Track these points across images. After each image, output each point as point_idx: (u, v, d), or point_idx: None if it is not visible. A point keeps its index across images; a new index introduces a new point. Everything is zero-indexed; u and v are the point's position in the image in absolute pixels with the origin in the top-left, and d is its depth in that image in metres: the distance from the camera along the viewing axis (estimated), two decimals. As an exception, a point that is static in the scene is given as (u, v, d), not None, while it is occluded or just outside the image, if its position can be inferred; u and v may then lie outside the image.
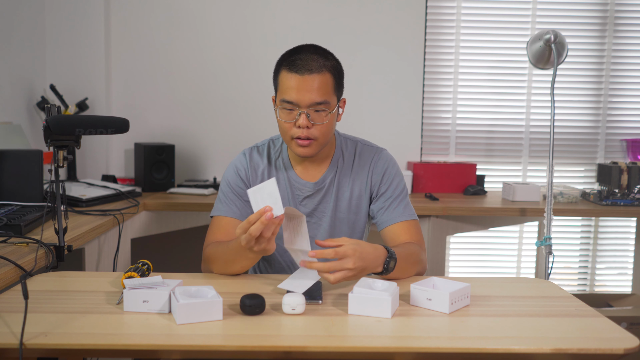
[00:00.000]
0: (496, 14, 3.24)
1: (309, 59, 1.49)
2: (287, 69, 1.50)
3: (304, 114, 1.49)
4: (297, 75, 1.48)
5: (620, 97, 3.31)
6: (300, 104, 1.49)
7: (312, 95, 1.48)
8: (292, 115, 1.50)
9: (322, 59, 1.51)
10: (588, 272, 3.44)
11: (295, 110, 1.50)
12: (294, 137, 1.52)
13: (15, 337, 1.01)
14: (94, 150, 3.02)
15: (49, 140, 1.44)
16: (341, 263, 1.26)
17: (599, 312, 1.23)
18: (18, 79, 2.66)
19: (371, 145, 1.70)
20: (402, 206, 1.62)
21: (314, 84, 1.48)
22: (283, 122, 1.52)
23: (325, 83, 1.50)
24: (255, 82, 3.12)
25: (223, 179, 1.68)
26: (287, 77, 1.49)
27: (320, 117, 1.51)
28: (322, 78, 1.49)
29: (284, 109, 1.51)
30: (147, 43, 3.08)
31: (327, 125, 1.52)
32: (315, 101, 1.49)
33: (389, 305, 1.16)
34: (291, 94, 1.48)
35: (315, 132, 1.51)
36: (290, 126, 1.52)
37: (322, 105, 1.50)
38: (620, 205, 2.76)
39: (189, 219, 2.68)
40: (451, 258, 3.37)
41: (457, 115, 3.28)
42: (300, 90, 1.48)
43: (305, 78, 1.47)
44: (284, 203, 1.63)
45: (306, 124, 1.49)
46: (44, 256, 1.47)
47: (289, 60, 1.51)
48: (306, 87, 1.47)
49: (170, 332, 1.07)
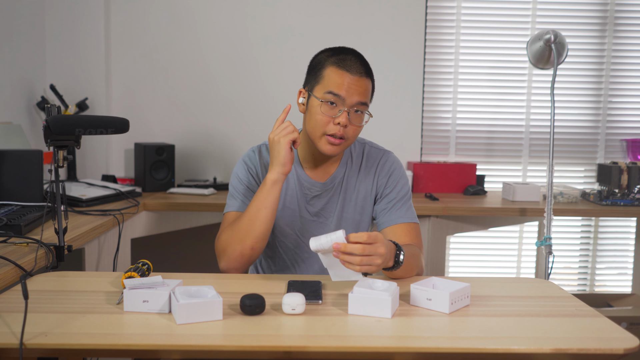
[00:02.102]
0: (496, 14, 3.24)
1: (359, 63, 1.54)
2: (338, 67, 1.53)
3: (345, 111, 1.51)
4: (349, 74, 1.52)
5: (620, 97, 3.31)
6: (347, 100, 1.51)
7: (358, 96, 1.52)
8: (334, 111, 1.52)
9: (366, 67, 1.56)
10: (588, 272, 3.44)
11: (338, 106, 1.52)
12: (327, 133, 1.53)
13: (15, 337, 1.01)
14: (94, 150, 3.02)
15: (49, 140, 1.44)
16: (375, 247, 1.25)
17: (599, 312, 1.23)
18: (18, 79, 2.66)
19: (378, 148, 1.73)
20: (404, 208, 1.64)
21: (362, 85, 1.53)
22: (322, 116, 1.53)
23: (368, 88, 1.56)
24: (256, 82, 3.12)
25: (233, 176, 1.68)
26: (338, 73, 1.52)
27: (359, 118, 1.55)
28: (368, 84, 1.55)
29: (327, 103, 1.52)
30: (147, 43, 3.08)
31: (359, 129, 1.56)
32: (360, 101, 1.52)
33: (389, 305, 1.16)
34: (340, 89, 1.51)
35: (349, 133, 1.54)
36: (327, 121, 1.53)
37: (363, 107, 1.54)
38: (620, 205, 2.76)
39: (189, 219, 2.68)
40: (451, 258, 3.37)
41: (457, 115, 3.28)
42: (350, 89, 1.51)
43: (356, 78, 1.52)
44: (290, 201, 1.65)
45: (346, 122, 1.51)
46: (44, 256, 1.47)
47: (339, 57, 1.54)
48: (355, 86, 1.52)
49: (170, 332, 1.07)
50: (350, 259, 1.24)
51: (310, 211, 1.67)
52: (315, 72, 1.57)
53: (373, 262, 1.25)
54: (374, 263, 1.25)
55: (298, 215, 1.66)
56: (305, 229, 1.67)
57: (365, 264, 1.24)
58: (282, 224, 1.66)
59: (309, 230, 1.66)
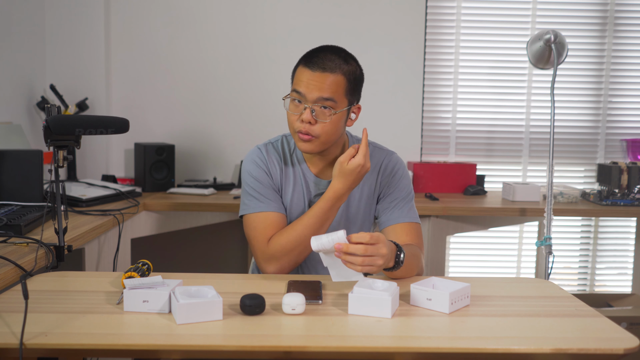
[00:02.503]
0: (496, 14, 3.24)
1: (327, 58, 1.52)
2: (304, 65, 1.53)
3: (308, 108, 1.51)
4: (309, 71, 1.51)
5: (620, 97, 3.31)
6: (307, 97, 1.51)
7: (319, 92, 1.50)
8: (299, 109, 1.53)
9: (340, 61, 1.53)
10: (588, 272, 3.44)
11: (302, 104, 1.52)
12: (296, 130, 1.54)
13: (15, 337, 1.01)
14: (94, 150, 3.02)
15: (49, 140, 1.44)
16: (376, 248, 1.26)
17: (599, 312, 1.23)
18: (18, 79, 2.66)
19: (382, 148, 1.73)
20: (406, 208, 1.64)
21: (325, 81, 1.50)
22: (289, 114, 1.56)
23: (335, 84, 1.51)
24: (256, 82, 3.12)
25: (246, 175, 1.64)
26: (301, 71, 1.53)
27: (324, 114, 1.52)
28: (334, 78, 1.51)
29: (293, 100, 1.54)
30: (147, 43, 3.08)
31: (330, 125, 1.52)
32: (322, 96, 1.50)
33: (389, 305, 1.16)
34: (300, 86, 1.51)
35: (317, 130, 1.52)
36: (295, 119, 1.54)
37: (328, 102, 1.51)
38: (620, 205, 2.76)
39: (189, 219, 2.68)
40: (451, 258, 3.37)
41: (457, 115, 3.28)
42: (309, 85, 1.50)
43: (316, 75, 1.50)
44: (298, 198, 1.64)
45: (309, 119, 1.51)
46: (44, 256, 1.47)
47: (308, 56, 1.54)
48: (315, 83, 1.50)
49: (170, 332, 1.07)
50: (352, 259, 1.24)
51: None
52: (292, 74, 1.60)
53: (374, 262, 1.26)
54: (376, 264, 1.26)
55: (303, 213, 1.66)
56: None
57: (367, 264, 1.25)
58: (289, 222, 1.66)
59: None
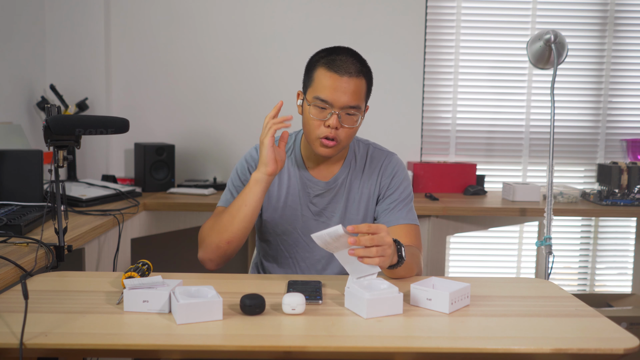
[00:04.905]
0: (496, 14, 3.24)
1: (349, 61, 1.51)
2: (326, 68, 1.51)
3: (335, 114, 1.50)
4: (336, 75, 1.49)
5: (620, 97, 3.31)
6: (335, 104, 1.49)
7: (347, 98, 1.49)
8: (324, 114, 1.51)
9: (359, 64, 1.53)
10: (588, 272, 3.44)
11: (328, 109, 1.50)
12: (320, 136, 1.53)
13: (15, 337, 1.01)
14: (94, 150, 3.02)
15: (49, 140, 1.44)
16: (381, 237, 1.23)
17: (599, 312, 1.23)
18: (18, 79, 2.66)
19: (382, 149, 1.73)
20: (405, 210, 1.64)
21: (351, 87, 1.49)
22: (312, 120, 1.53)
23: (360, 88, 1.52)
24: (255, 82, 3.12)
25: (233, 171, 1.71)
26: (326, 75, 1.50)
27: (351, 120, 1.52)
28: (359, 82, 1.51)
29: (316, 107, 1.52)
30: (147, 43, 3.08)
31: (354, 130, 1.54)
32: (349, 104, 1.50)
33: (389, 305, 1.16)
34: (327, 93, 1.49)
35: (342, 135, 1.53)
36: (318, 124, 1.52)
37: (354, 109, 1.51)
38: (620, 205, 2.76)
39: (189, 219, 2.68)
40: (451, 258, 3.37)
41: (457, 115, 3.28)
42: (337, 91, 1.49)
43: (343, 80, 1.49)
44: (293, 199, 1.65)
45: (336, 125, 1.50)
46: (44, 256, 1.47)
47: (329, 59, 1.52)
48: (343, 88, 1.49)
49: (170, 332, 1.07)
50: (366, 252, 1.21)
51: (312, 210, 1.67)
52: (308, 74, 1.57)
53: (385, 251, 1.23)
54: (386, 253, 1.24)
55: (299, 214, 1.67)
56: (307, 228, 1.67)
57: (380, 254, 1.22)
58: (284, 222, 1.67)
59: (310, 229, 1.66)
